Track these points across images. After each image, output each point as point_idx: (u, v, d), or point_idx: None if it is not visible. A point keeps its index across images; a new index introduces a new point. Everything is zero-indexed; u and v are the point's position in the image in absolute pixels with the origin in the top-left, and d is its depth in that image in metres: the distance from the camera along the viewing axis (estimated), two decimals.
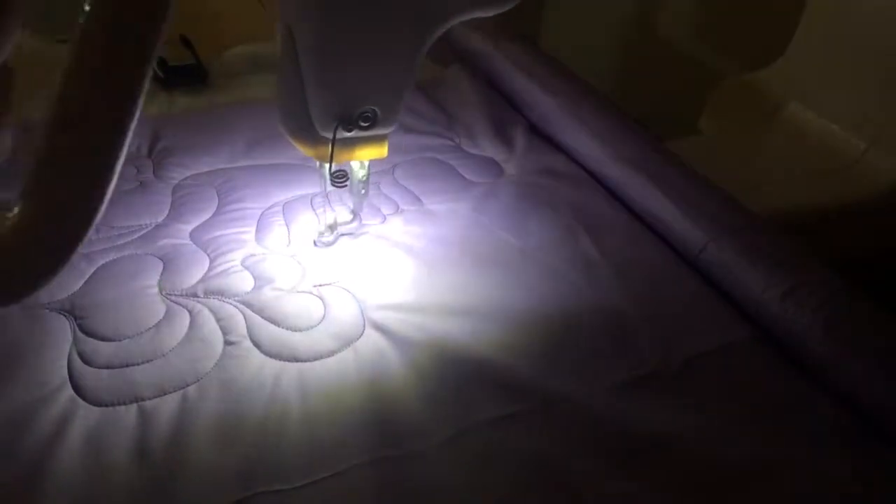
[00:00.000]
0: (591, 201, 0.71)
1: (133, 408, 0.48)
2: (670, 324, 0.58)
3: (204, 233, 0.64)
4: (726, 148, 1.00)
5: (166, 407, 0.48)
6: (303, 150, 0.55)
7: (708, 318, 0.59)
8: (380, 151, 0.58)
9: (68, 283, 0.57)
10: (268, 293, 0.58)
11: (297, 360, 0.53)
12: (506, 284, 0.60)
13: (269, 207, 0.68)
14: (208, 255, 0.61)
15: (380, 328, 0.56)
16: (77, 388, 0.49)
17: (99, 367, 0.50)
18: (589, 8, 1.45)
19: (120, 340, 0.53)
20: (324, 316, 0.57)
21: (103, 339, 0.53)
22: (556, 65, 0.86)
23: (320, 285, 0.59)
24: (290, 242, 0.64)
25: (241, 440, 0.46)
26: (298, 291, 0.59)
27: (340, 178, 0.60)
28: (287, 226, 0.65)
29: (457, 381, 0.52)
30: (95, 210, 0.37)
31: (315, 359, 0.53)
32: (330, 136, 0.53)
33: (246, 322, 0.55)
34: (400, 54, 0.51)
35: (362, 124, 0.53)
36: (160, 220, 0.65)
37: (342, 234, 0.64)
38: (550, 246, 0.65)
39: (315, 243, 0.64)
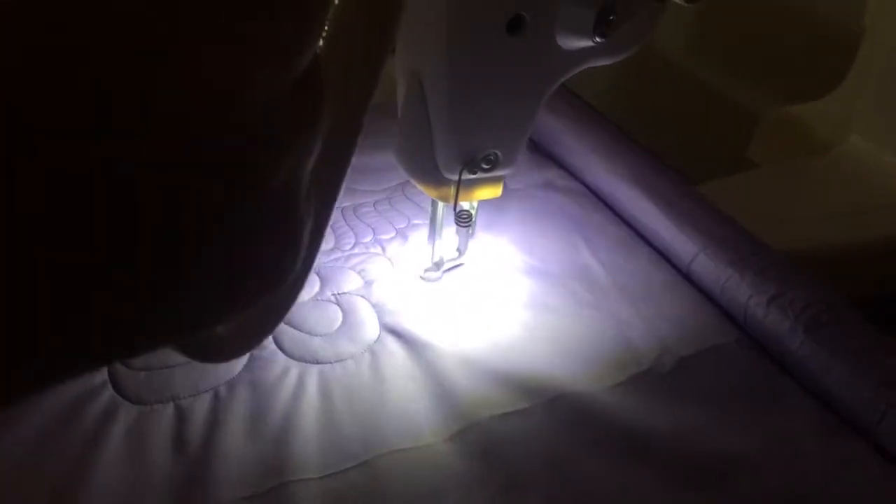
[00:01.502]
0: (590, 214, 0.76)
1: (170, 406, 0.53)
2: (664, 327, 0.62)
3: None
4: (772, 182, 1.01)
5: (200, 405, 0.53)
6: (426, 191, 0.59)
7: (699, 322, 0.64)
8: (495, 192, 0.60)
9: None
10: None
11: (318, 362, 0.57)
12: (511, 293, 0.65)
13: None
14: None
15: (394, 332, 0.60)
16: (117, 388, 0.54)
17: (137, 370, 0.55)
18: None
19: None
20: (342, 321, 0.61)
21: None
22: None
23: (339, 294, 0.64)
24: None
25: (269, 434, 0.51)
26: (318, 300, 0.63)
27: (464, 217, 0.62)
28: None
29: (468, 380, 0.56)
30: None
31: (335, 360, 0.57)
32: (452, 177, 0.56)
33: None
34: (524, 100, 0.54)
35: (484, 167, 0.56)
36: None
37: (447, 270, 0.67)
38: (553, 257, 0.70)
39: (422, 278, 0.66)
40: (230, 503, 0.47)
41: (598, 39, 0.49)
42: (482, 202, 0.63)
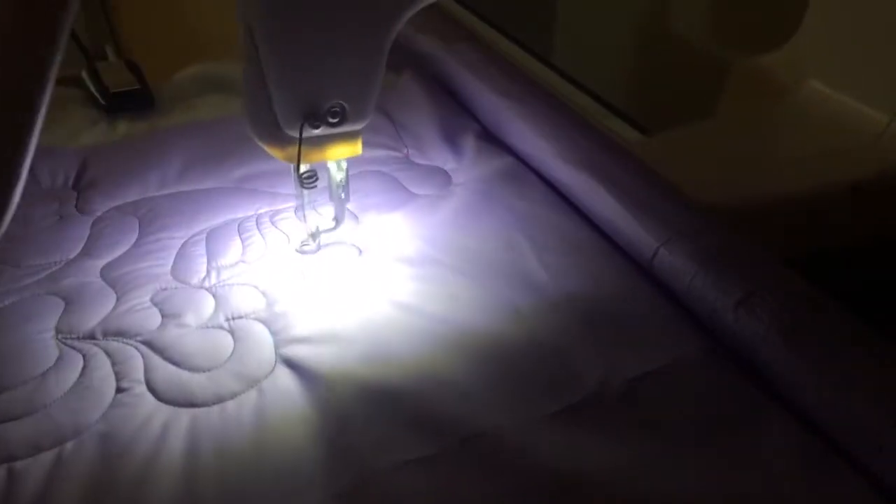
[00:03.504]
0: (539, 209, 0.65)
1: (3, 470, 0.44)
2: (615, 341, 0.52)
3: (116, 268, 0.59)
4: (735, 132, 0.94)
5: (37, 467, 0.44)
6: (272, 153, 0.54)
7: (658, 332, 0.53)
8: (353, 149, 0.56)
9: None
10: (173, 331, 0.53)
11: (192, 405, 0.48)
12: (433, 310, 0.55)
13: (193, 236, 0.63)
14: (116, 292, 0.57)
15: (291, 364, 0.51)
16: None
17: None
18: (598, 17, 1.40)
19: (0, 393, 0.48)
20: (231, 353, 0.52)
21: None
22: (507, 65, 0.80)
23: (232, 318, 0.55)
24: (207, 273, 0.59)
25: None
26: (208, 327, 0.54)
27: (310, 178, 0.56)
28: (207, 255, 0.61)
29: (366, 421, 0.47)
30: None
31: (213, 403, 0.48)
32: (295, 134, 0.51)
33: (144, 364, 0.51)
34: (364, 43, 0.50)
35: (331, 120, 0.52)
36: (71, 256, 0.61)
37: (322, 244, 0.62)
38: (488, 262, 0.59)
39: (298, 252, 0.61)
40: None
41: None
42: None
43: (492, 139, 0.77)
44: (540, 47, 1.33)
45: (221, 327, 0.54)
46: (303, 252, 0.61)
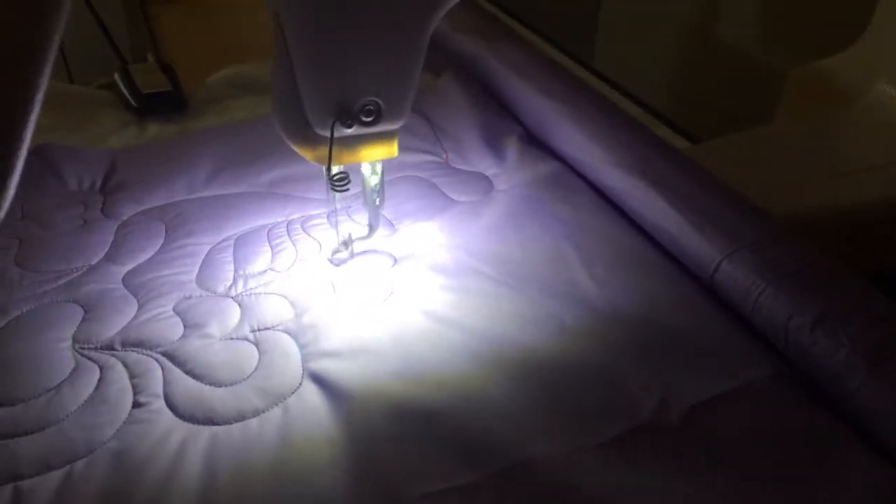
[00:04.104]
0: (587, 217, 0.61)
1: (8, 489, 0.41)
2: (672, 363, 0.47)
3: (139, 275, 0.56)
4: (798, 139, 0.88)
5: (45, 487, 0.41)
6: (302, 154, 0.51)
7: (721, 353, 0.48)
8: (389, 151, 0.52)
9: None
10: (195, 342, 0.50)
11: (212, 422, 0.44)
12: (472, 323, 0.51)
13: (220, 242, 0.60)
14: (138, 300, 0.54)
15: (318, 379, 0.47)
16: None
17: None
18: (642, 21, 1.35)
19: (13, 405, 0.45)
20: (256, 367, 0.48)
21: None
22: (550, 63, 0.76)
23: (258, 330, 0.51)
24: (233, 281, 0.56)
25: None
26: (232, 338, 0.51)
27: (341, 181, 0.53)
28: (234, 262, 0.58)
29: (398, 444, 0.43)
30: None
31: (234, 420, 0.45)
32: (325, 133, 0.48)
33: (164, 378, 0.47)
34: (400, 35, 0.46)
35: (364, 119, 0.48)
36: (94, 262, 0.58)
37: (356, 253, 0.59)
38: (533, 276, 0.55)
39: (330, 261, 0.58)
40: None
41: None
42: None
43: (536, 143, 0.73)
44: (580, 51, 1.28)
45: (246, 339, 0.51)
46: (335, 261, 0.58)
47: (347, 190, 0.53)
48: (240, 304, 0.54)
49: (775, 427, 0.44)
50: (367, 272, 0.57)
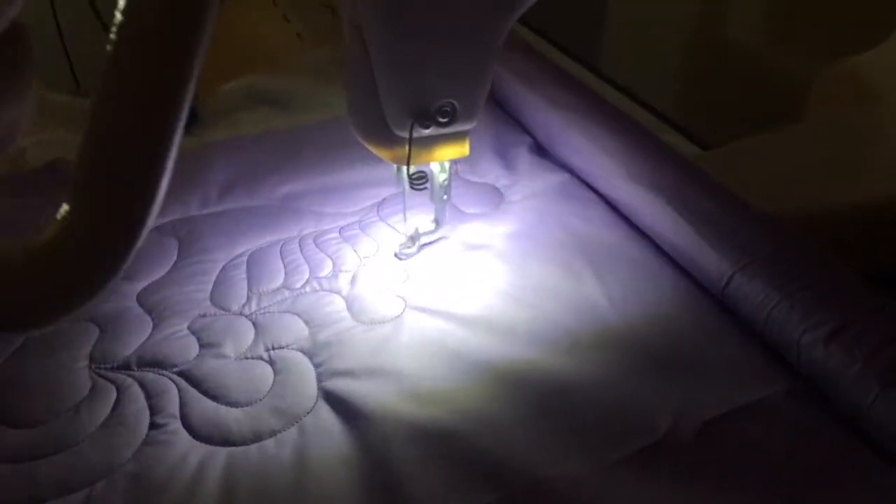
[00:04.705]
0: (599, 230, 0.61)
1: None
2: (687, 380, 0.48)
3: (154, 292, 0.57)
4: (827, 136, 0.87)
5: None
6: (379, 154, 0.54)
7: (734, 369, 0.48)
8: (461, 150, 0.55)
9: None
10: (210, 361, 0.50)
11: (229, 443, 0.45)
12: (488, 341, 0.51)
13: (234, 259, 0.60)
14: (153, 318, 0.54)
15: (333, 399, 0.47)
16: None
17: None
18: (649, 24, 1.34)
19: (32, 427, 0.46)
20: (271, 387, 0.49)
21: (15, 425, 0.46)
22: (562, 74, 0.76)
23: (273, 349, 0.52)
24: (247, 299, 0.56)
25: None
26: (247, 357, 0.51)
27: (420, 180, 0.56)
28: (248, 279, 0.58)
29: (416, 464, 0.43)
30: (140, 223, 0.34)
31: (251, 441, 0.45)
32: (404, 134, 0.50)
33: (180, 398, 0.48)
34: (476, 42, 0.49)
35: (441, 120, 0.51)
36: None
37: (424, 245, 0.61)
38: (548, 290, 0.55)
39: (397, 256, 0.60)
40: None
41: None
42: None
43: (546, 154, 0.73)
44: (587, 55, 1.27)
45: (261, 358, 0.51)
46: (402, 256, 0.60)
47: (426, 188, 0.56)
48: (254, 323, 0.54)
49: (789, 443, 0.44)
50: (381, 289, 0.57)
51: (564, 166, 0.70)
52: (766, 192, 0.63)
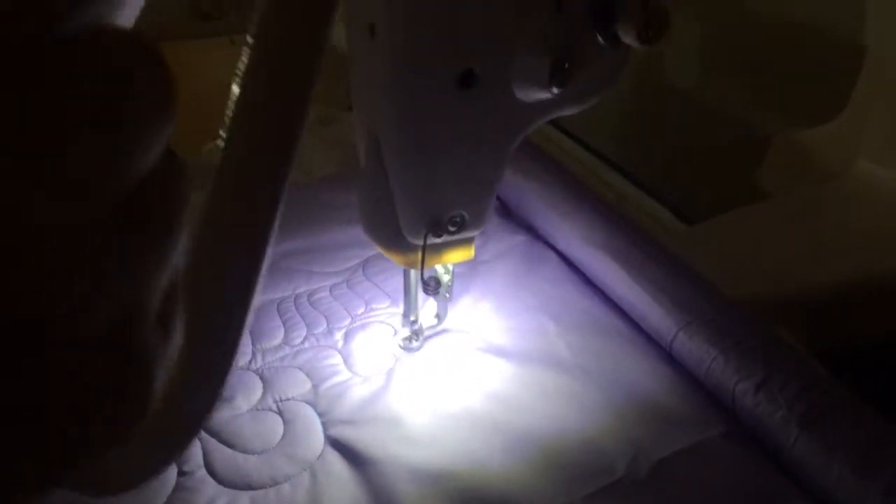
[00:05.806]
0: (563, 290, 0.69)
1: None
2: (641, 423, 0.56)
3: None
4: (779, 218, 0.91)
5: None
6: (392, 259, 0.56)
7: (680, 413, 0.57)
8: (466, 253, 0.58)
9: None
10: (225, 413, 0.57)
11: (250, 487, 0.51)
12: (469, 391, 0.59)
13: None
14: None
15: (339, 445, 0.54)
16: None
17: None
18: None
19: None
20: (283, 435, 0.55)
21: None
22: (529, 145, 0.84)
23: (280, 401, 0.58)
24: (252, 355, 0.62)
25: None
26: (259, 409, 0.57)
27: (432, 285, 0.58)
28: (251, 336, 0.64)
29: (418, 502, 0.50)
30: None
31: (269, 485, 0.51)
32: (418, 242, 0.53)
33: (203, 448, 0.54)
34: (487, 157, 0.51)
35: (451, 229, 0.53)
36: None
37: (428, 338, 0.64)
38: (521, 345, 0.63)
39: (402, 349, 0.63)
40: None
41: (555, 90, 0.45)
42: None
43: (510, 215, 0.81)
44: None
45: (271, 409, 0.57)
46: (408, 349, 0.63)
47: (438, 293, 0.59)
48: (261, 377, 0.60)
49: (729, 479, 0.52)
50: (372, 343, 0.64)
51: (529, 228, 0.78)
52: (732, 275, 0.70)
